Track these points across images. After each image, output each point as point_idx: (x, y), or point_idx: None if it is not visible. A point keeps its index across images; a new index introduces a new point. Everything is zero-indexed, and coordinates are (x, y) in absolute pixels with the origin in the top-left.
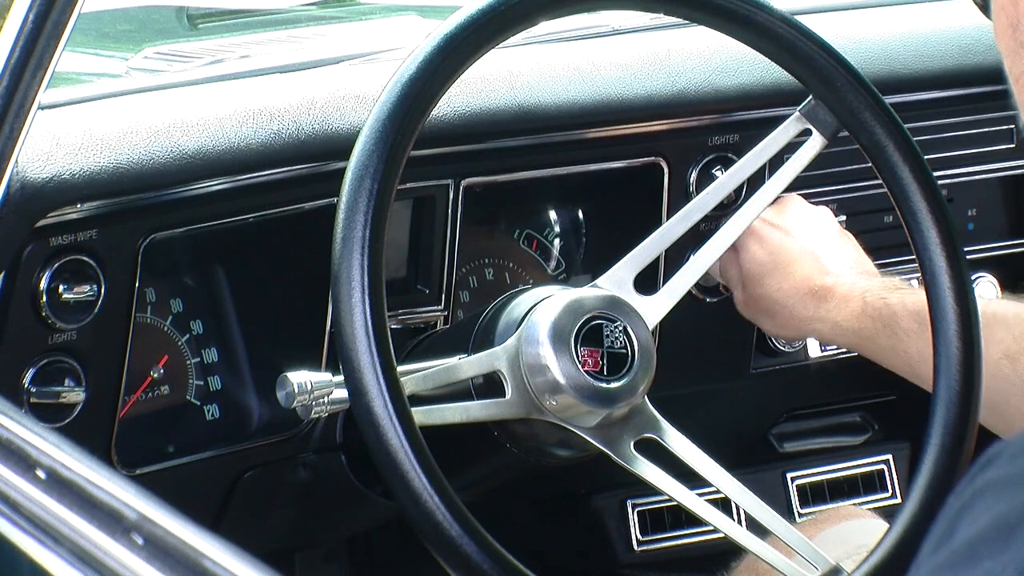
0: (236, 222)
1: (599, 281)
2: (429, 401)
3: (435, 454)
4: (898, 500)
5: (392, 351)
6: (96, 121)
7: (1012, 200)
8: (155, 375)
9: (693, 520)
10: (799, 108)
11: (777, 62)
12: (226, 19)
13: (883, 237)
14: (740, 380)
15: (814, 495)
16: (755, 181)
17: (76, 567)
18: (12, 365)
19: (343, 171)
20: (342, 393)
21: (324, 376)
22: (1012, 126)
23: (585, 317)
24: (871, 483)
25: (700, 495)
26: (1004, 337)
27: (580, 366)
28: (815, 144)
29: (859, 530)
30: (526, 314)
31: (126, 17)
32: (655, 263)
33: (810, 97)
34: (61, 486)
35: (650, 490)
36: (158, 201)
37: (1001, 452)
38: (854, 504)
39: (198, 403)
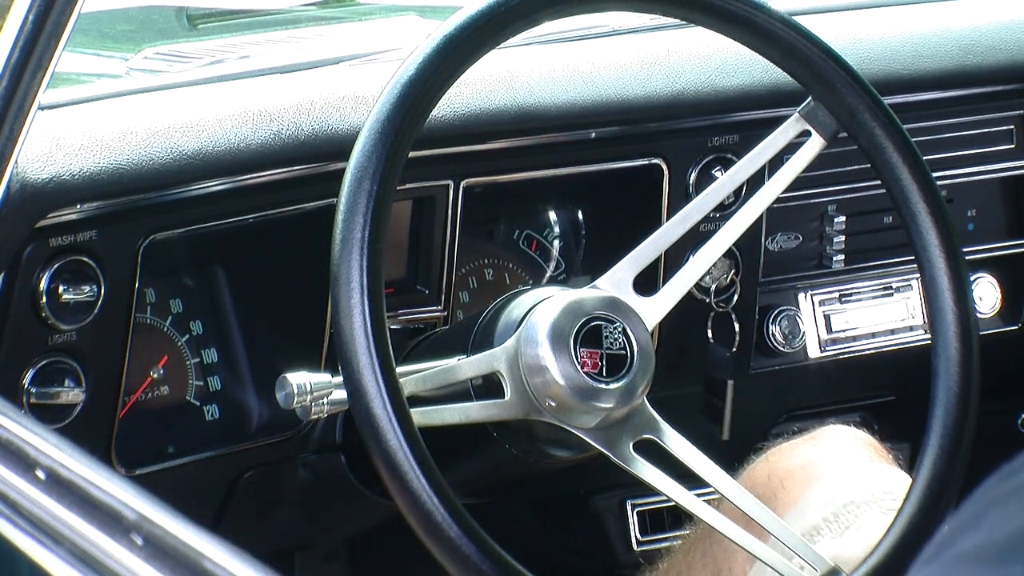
0: (236, 223)
1: (598, 282)
2: (428, 402)
3: (434, 455)
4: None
5: (391, 352)
6: (96, 122)
7: (1011, 201)
8: (155, 375)
9: (692, 520)
10: (798, 109)
11: (776, 63)
12: (226, 19)
13: (883, 237)
14: (740, 380)
15: None
16: (755, 182)
17: (76, 567)
18: (12, 365)
19: (342, 172)
20: (341, 394)
21: (323, 377)
22: (1012, 126)
23: (584, 318)
24: None
25: (699, 496)
26: None
27: (579, 367)
28: (814, 145)
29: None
30: (525, 315)
31: (126, 17)
32: (655, 264)
33: (809, 98)
34: (61, 486)
35: (649, 490)
36: (158, 202)
37: None
38: None
39: (198, 403)
